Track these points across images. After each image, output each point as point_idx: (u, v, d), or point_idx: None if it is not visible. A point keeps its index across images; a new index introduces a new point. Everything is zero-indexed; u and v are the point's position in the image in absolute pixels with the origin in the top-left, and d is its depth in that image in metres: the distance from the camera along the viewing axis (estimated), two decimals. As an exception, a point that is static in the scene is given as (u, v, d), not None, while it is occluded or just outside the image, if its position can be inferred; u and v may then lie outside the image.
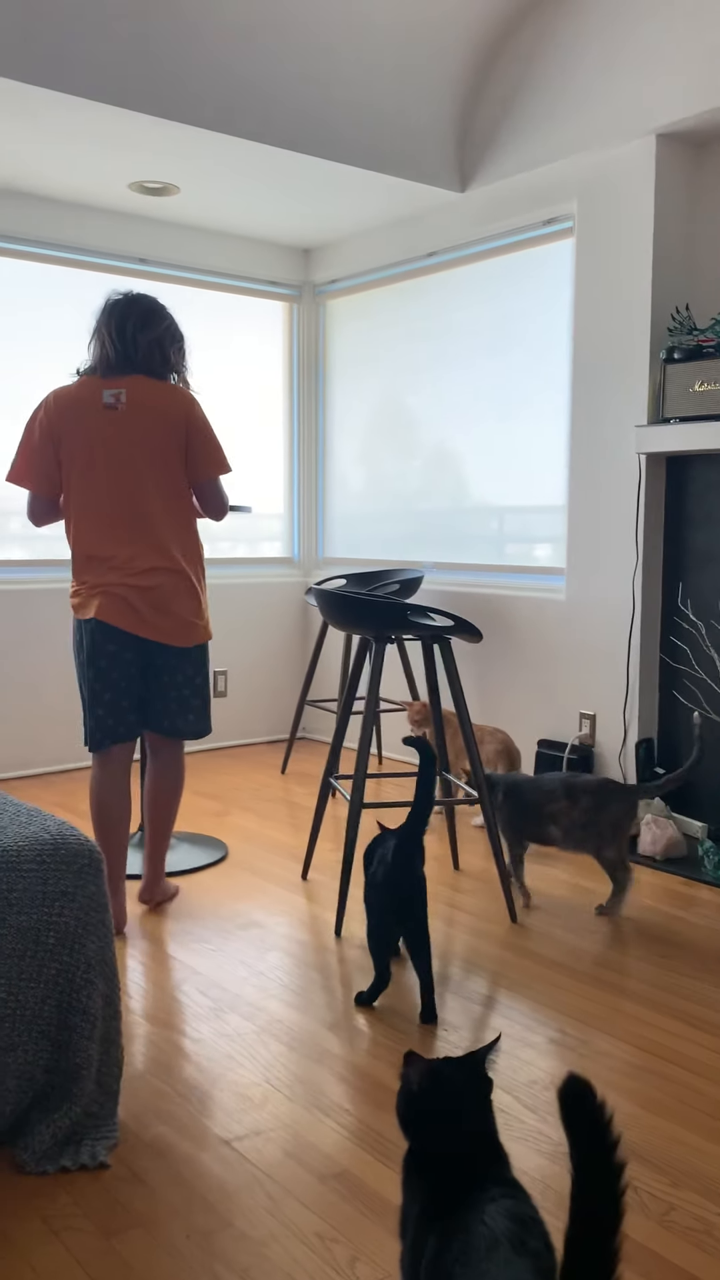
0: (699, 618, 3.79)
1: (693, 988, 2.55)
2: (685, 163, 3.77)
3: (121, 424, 2.80)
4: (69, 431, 2.80)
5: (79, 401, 2.81)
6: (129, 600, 2.80)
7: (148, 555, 2.82)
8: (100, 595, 2.81)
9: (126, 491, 2.81)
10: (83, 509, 2.82)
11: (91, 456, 2.80)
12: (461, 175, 4.29)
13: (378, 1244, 1.64)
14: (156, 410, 2.83)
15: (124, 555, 2.81)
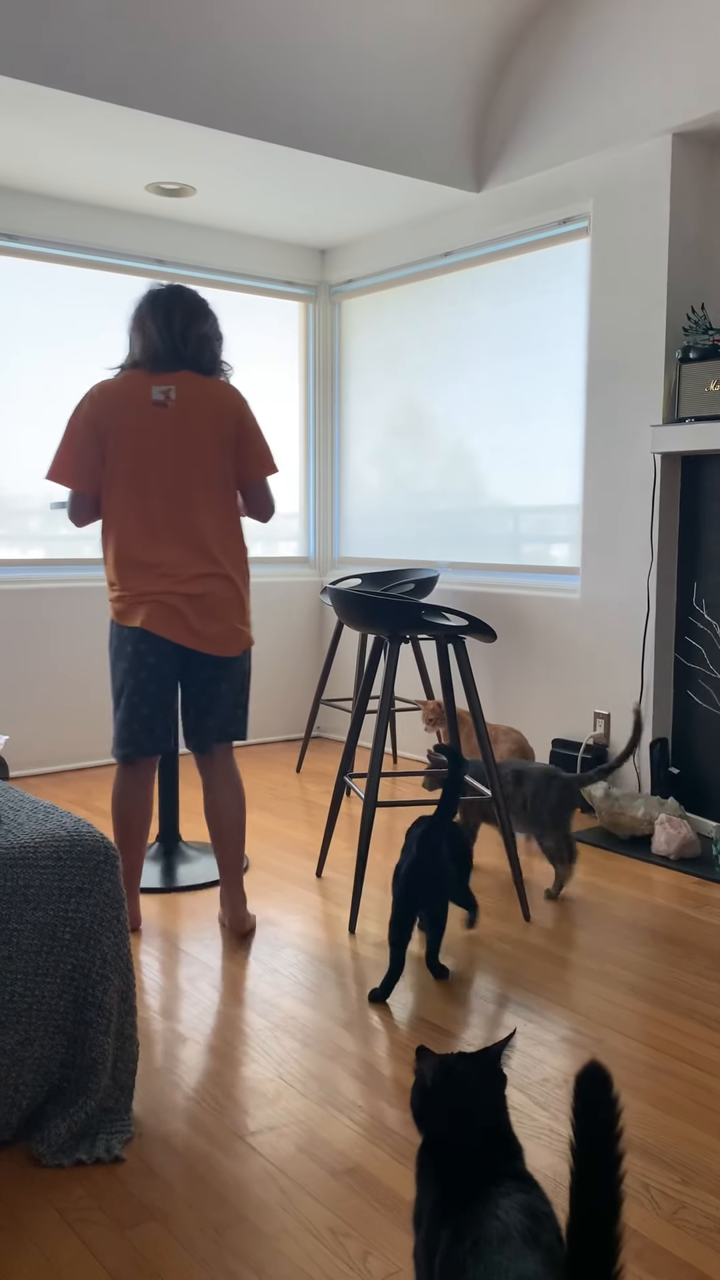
0: (714, 617, 3.78)
1: (706, 987, 2.56)
2: (701, 162, 3.76)
3: (171, 422, 2.68)
4: (115, 428, 2.67)
5: (126, 397, 2.68)
6: (178, 609, 2.68)
7: (197, 561, 2.70)
8: (147, 603, 2.68)
9: (175, 493, 2.68)
10: (128, 510, 2.69)
11: (140, 456, 2.67)
12: (477, 175, 4.30)
13: (390, 1239, 1.65)
14: (208, 408, 2.71)
15: (172, 561, 2.68)
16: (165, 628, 2.68)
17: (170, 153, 3.92)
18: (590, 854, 3.57)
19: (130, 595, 2.70)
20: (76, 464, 2.69)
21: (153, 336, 2.71)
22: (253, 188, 4.32)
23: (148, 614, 2.68)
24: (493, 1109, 1.28)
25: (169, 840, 3.44)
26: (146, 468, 2.68)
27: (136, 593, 2.69)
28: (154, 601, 2.68)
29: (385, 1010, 2.43)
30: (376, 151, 4.02)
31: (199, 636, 2.71)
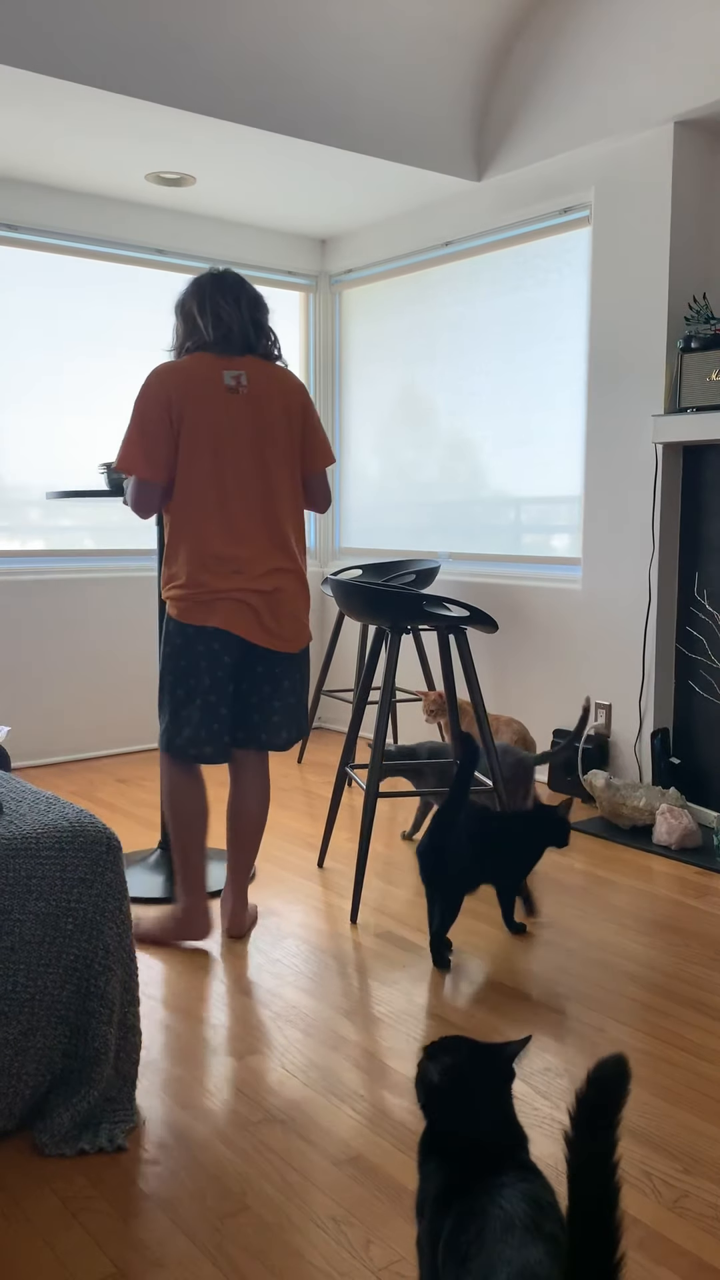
0: (715, 608, 3.78)
1: (707, 977, 2.56)
2: (703, 151, 3.75)
3: (245, 409, 2.57)
4: (191, 413, 2.52)
5: (199, 380, 2.54)
6: (253, 606, 2.59)
7: (270, 555, 2.60)
8: (224, 601, 2.57)
9: (253, 484, 2.58)
10: (201, 501, 2.56)
11: (216, 444, 2.55)
12: (478, 164, 4.28)
13: (392, 1227, 1.65)
14: (277, 396, 2.62)
15: (246, 556, 2.57)
16: (243, 626, 2.59)
17: (170, 142, 3.90)
18: (591, 844, 3.58)
19: (203, 592, 2.56)
20: (149, 452, 2.53)
21: (225, 317, 2.58)
22: (253, 177, 4.30)
23: (225, 612, 2.57)
24: (499, 1098, 1.29)
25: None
26: (223, 457, 2.55)
27: (213, 590, 2.56)
28: (229, 599, 2.57)
29: (387, 1000, 2.43)
30: (377, 140, 4.01)
31: (270, 634, 2.62)
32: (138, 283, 4.77)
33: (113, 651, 4.74)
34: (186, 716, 2.62)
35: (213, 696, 2.61)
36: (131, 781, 4.34)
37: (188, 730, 2.62)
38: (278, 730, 2.72)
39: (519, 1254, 1.07)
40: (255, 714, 2.71)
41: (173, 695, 2.63)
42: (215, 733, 2.63)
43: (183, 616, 2.58)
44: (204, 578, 2.56)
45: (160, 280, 4.82)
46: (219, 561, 2.56)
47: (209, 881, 3.06)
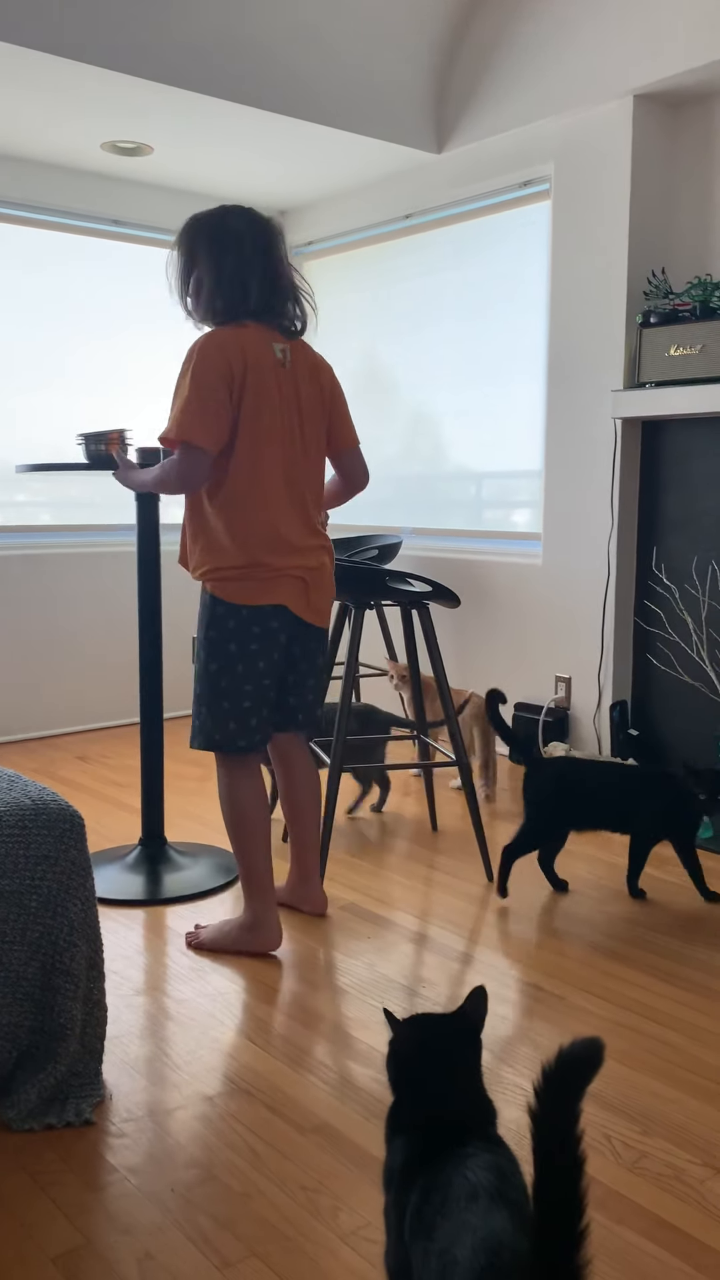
0: (673, 582, 3.82)
1: (665, 944, 2.61)
2: (662, 124, 3.76)
3: (290, 384, 2.46)
4: (252, 384, 2.39)
5: (256, 352, 2.40)
6: (306, 582, 2.51)
7: (314, 531, 2.53)
8: (283, 579, 2.47)
9: (298, 460, 2.50)
10: (261, 476, 2.43)
11: (271, 418, 2.43)
12: (438, 136, 4.26)
13: (359, 1194, 1.68)
14: (314, 371, 2.52)
15: (298, 532, 2.49)
16: (301, 605, 2.51)
17: (126, 111, 3.85)
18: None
19: (266, 570, 2.44)
20: (208, 421, 2.35)
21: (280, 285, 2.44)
22: (211, 148, 4.25)
23: (286, 590, 2.48)
24: (466, 1070, 1.31)
25: (153, 845, 3.07)
26: (278, 432, 2.44)
27: (275, 567, 2.45)
28: (287, 576, 2.47)
29: (352, 971, 2.46)
30: (336, 112, 3.97)
31: (314, 610, 2.55)
32: (94, 254, 4.70)
33: (71, 628, 4.70)
34: (236, 707, 2.47)
35: (266, 680, 2.49)
36: (93, 759, 4.33)
37: (238, 721, 2.48)
38: (312, 710, 2.66)
39: (483, 1221, 1.09)
40: (293, 695, 2.62)
41: (215, 684, 2.47)
42: (265, 719, 2.51)
43: (236, 597, 2.44)
44: (265, 555, 2.43)
45: (118, 251, 4.76)
46: (278, 538, 2.45)
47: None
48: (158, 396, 4.96)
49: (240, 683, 2.46)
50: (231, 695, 2.46)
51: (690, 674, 3.79)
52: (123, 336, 4.83)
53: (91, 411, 4.77)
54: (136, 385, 4.89)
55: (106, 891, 2.88)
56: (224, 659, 2.46)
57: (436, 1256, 1.11)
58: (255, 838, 2.52)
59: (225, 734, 2.48)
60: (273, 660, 2.48)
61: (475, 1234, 1.08)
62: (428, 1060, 1.29)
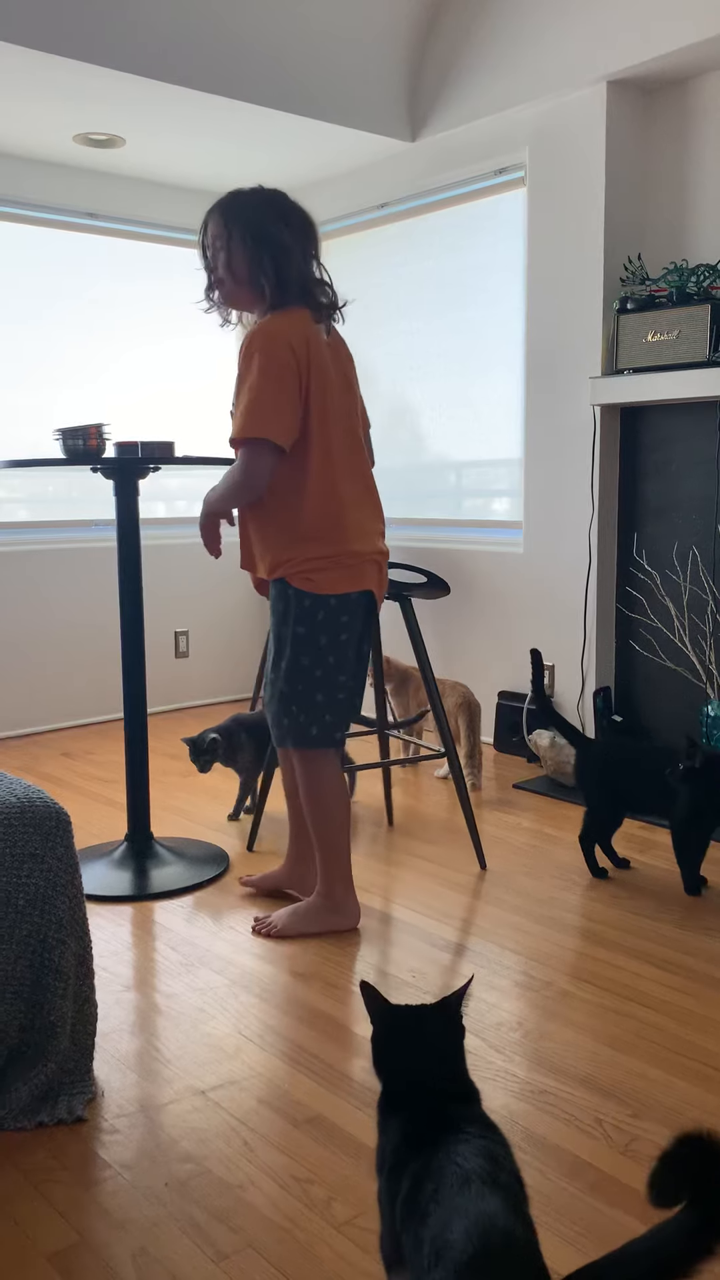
0: (654, 568, 3.83)
1: (652, 928, 2.63)
2: (636, 110, 3.76)
3: (337, 369, 2.44)
4: (315, 368, 2.36)
5: (315, 340, 2.38)
6: (381, 568, 2.51)
7: (378, 516, 2.54)
8: (367, 564, 2.45)
9: (355, 446, 2.48)
10: (329, 462, 2.40)
11: (335, 400, 2.42)
12: (412, 125, 4.25)
13: (353, 1184, 1.69)
14: (346, 356, 2.51)
15: (369, 515, 2.49)
16: (381, 590, 2.53)
17: (98, 102, 3.82)
18: (537, 802, 3.64)
19: (349, 557, 2.42)
20: (287, 414, 2.32)
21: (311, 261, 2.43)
22: (184, 138, 4.22)
23: (373, 576, 2.47)
24: (449, 1058, 1.32)
25: (139, 840, 3.04)
26: (340, 414, 2.42)
27: (357, 553, 2.43)
28: (371, 562, 2.46)
29: (340, 962, 2.46)
30: (309, 101, 3.95)
31: (383, 594, 2.57)
32: (68, 247, 4.67)
33: (53, 624, 4.68)
34: (331, 699, 2.47)
35: (360, 668, 2.50)
36: (78, 756, 4.31)
37: (335, 713, 2.47)
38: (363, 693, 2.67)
39: (476, 1205, 1.11)
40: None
41: (308, 678, 2.45)
42: (355, 709, 2.51)
43: (323, 585, 2.41)
44: (349, 542, 2.42)
45: (92, 245, 4.73)
46: (355, 524, 2.43)
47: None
48: (135, 390, 4.93)
49: (335, 674, 2.45)
50: (326, 688, 2.45)
51: (672, 659, 3.80)
52: (99, 330, 4.80)
53: (68, 406, 4.74)
54: (113, 379, 4.86)
55: (94, 888, 2.87)
56: (315, 653, 2.43)
57: (429, 1242, 1.11)
58: (343, 827, 2.57)
59: (322, 728, 2.47)
60: (363, 651, 2.52)
61: (468, 1218, 1.09)
62: (412, 1045, 1.30)
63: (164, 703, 5.07)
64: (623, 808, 2.93)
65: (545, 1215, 1.61)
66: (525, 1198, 1.17)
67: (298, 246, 2.42)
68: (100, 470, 2.91)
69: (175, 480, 5.10)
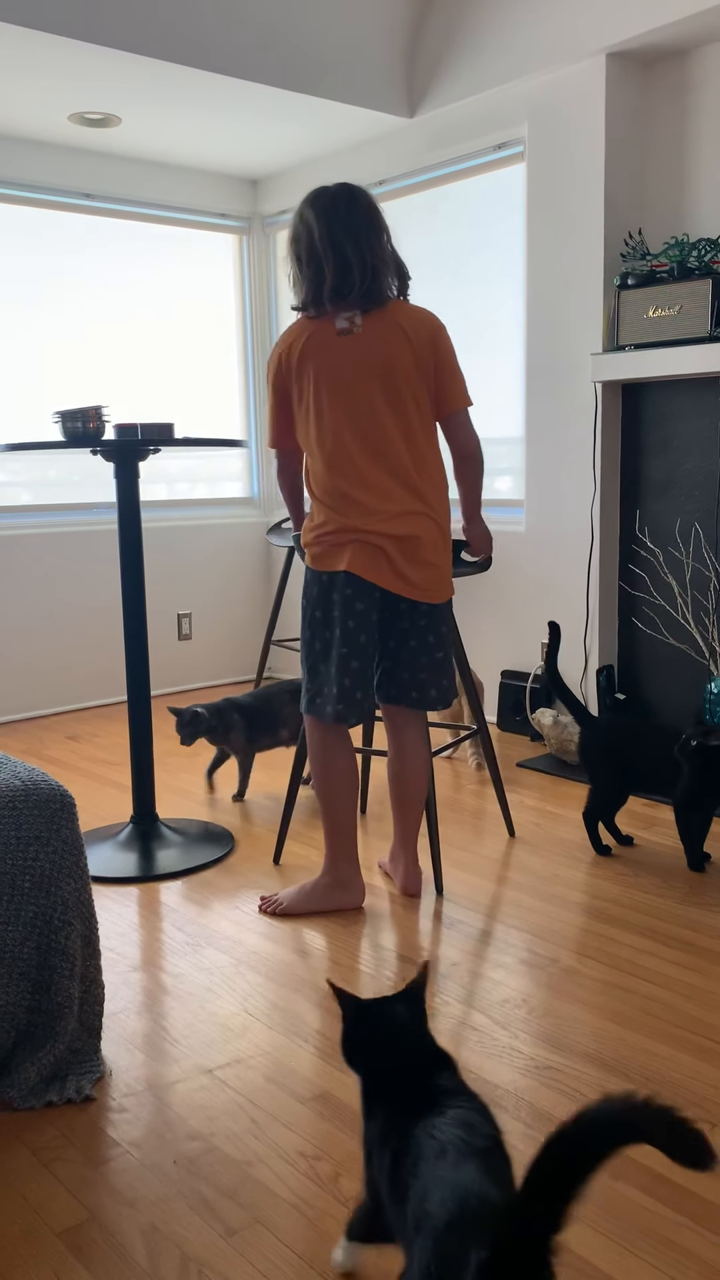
0: (656, 545, 3.83)
1: (656, 905, 2.63)
2: (635, 82, 3.72)
3: (355, 351, 2.45)
4: (299, 366, 2.48)
5: (308, 331, 2.48)
6: (385, 550, 2.46)
7: (399, 498, 2.46)
8: (352, 544, 2.46)
9: (375, 423, 2.46)
10: (322, 443, 2.47)
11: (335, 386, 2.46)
12: (410, 100, 4.21)
13: (359, 1160, 1.70)
14: (399, 331, 2.46)
15: (373, 498, 2.45)
16: (373, 571, 2.47)
17: (93, 81, 3.78)
18: (540, 780, 3.64)
19: (332, 535, 2.47)
20: (281, 422, 2.58)
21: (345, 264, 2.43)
22: (180, 117, 4.19)
23: (352, 555, 2.46)
24: (420, 1037, 1.36)
25: (145, 822, 3.06)
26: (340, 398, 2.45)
27: (337, 531, 2.46)
28: (357, 542, 2.46)
29: (345, 941, 2.47)
30: (306, 77, 3.92)
31: (405, 581, 2.49)
32: (65, 228, 4.64)
33: (56, 607, 4.68)
34: (324, 672, 2.52)
35: (344, 649, 2.48)
36: (82, 738, 4.32)
37: (327, 688, 2.51)
38: (426, 688, 2.59)
39: (453, 1174, 1.14)
40: (404, 670, 2.58)
41: (310, 649, 2.55)
42: (346, 689, 2.50)
43: (313, 562, 2.51)
44: (332, 520, 2.47)
45: (88, 225, 4.70)
46: (348, 504, 2.45)
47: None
48: (134, 371, 4.92)
49: (322, 647, 2.54)
50: (320, 662, 2.55)
51: (675, 637, 3.80)
52: (97, 312, 4.78)
53: (67, 389, 4.73)
54: (112, 361, 4.85)
55: (100, 870, 2.88)
56: (311, 625, 2.56)
57: (411, 1214, 1.14)
58: (340, 800, 2.60)
59: (323, 700, 2.54)
60: (347, 630, 2.48)
61: (444, 1186, 1.12)
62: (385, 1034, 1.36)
63: (167, 685, 5.07)
64: (627, 786, 2.94)
65: (551, 1189, 1.62)
66: (506, 1158, 1.19)
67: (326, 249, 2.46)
68: (100, 453, 2.90)
69: (176, 462, 5.09)
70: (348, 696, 2.50)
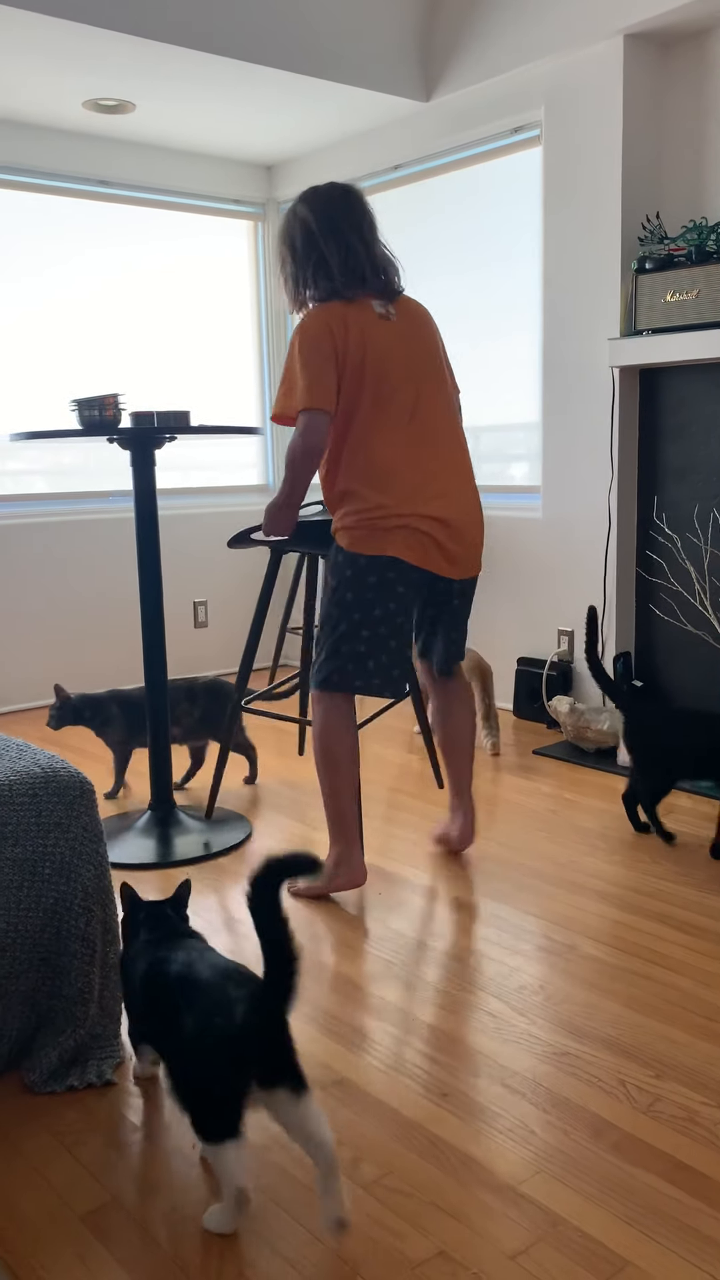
0: (674, 531, 3.81)
1: (673, 891, 2.63)
2: (653, 64, 3.69)
3: (400, 332, 2.54)
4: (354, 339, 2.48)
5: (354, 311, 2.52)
6: (431, 535, 2.52)
7: (448, 478, 2.55)
8: (399, 529, 2.50)
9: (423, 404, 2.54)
10: (376, 425, 2.50)
11: (381, 370, 2.50)
12: (425, 84, 4.18)
13: (378, 1144, 1.71)
14: (422, 319, 2.60)
15: (427, 479, 2.52)
16: (420, 555, 2.52)
17: (107, 67, 3.77)
18: (557, 767, 3.64)
19: (376, 517, 2.49)
20: (328, 382, 2.46)
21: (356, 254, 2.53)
22: (195, 102, 4.18)
23: (401, 540, 2.50)
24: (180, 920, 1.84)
25: (163, 809, 3.07)
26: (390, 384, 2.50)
27: (384, 514, 2.49)
28: (404, 527, 2.50)
29: (363, 927, 2.48)
30: (321, 62, 3.90)
31: (450, 561, 2.57)
32: (80, 215, 4.64)
33: (74, 595, 4.70)
34: (352, 647, 2.55)
35: (383, 629, 2.54)
36: (99, 725, 4.34)
37: (354, 660, 2.55)
38: (459, 646, 2.76)
39: (204, 957, 1.62)
40: (442, 635, 2.72)
41: (334, 629, 2.56)
42: (384, 666, 2.56)
43: (356, 544, 2.51)
44: (383, 505, 2.48)
45: (103, 212, 4.70)
46: (402, 485, 2.49)
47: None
48: (150, 359, 4.91)
49: (362, 627, 2.56)
50: (358, 639, 2.56)
51: (694, 623, 3.78)
52: (112, 299, 4.77)
53: (83, 376, 4.73)
54: (127, 348, 4.85)
55: (119, 857, 2.90)
56: (343, 601, 2.55)
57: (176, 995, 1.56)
58: (346, 780, 2.63)
59: (352, 673, 2.57)
60: (389, 611, 2.54)
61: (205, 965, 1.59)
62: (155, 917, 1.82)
63: (184, 672, 5.09)
64: (674, 772, 2.92)
65: (569, 1175, 1.62)
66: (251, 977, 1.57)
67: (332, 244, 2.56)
68: (117, 440, 2.90)
69: (192, 450, 5.09)
70: (384, 674, 2.57)
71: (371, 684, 2.57)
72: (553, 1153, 1.68)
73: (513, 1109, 1.79)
